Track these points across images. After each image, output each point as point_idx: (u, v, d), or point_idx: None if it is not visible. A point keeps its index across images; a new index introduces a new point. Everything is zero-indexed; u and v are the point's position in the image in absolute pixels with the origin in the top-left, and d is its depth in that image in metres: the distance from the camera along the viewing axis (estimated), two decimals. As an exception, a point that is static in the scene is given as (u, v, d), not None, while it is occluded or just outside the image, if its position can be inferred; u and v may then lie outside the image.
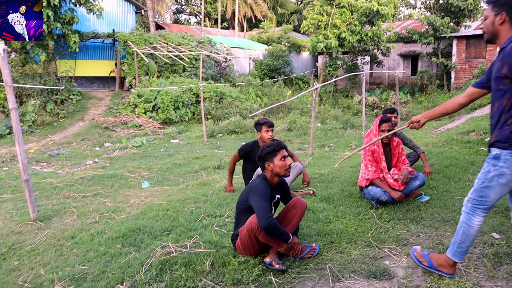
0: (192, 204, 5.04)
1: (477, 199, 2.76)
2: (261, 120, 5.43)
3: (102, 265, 3.43)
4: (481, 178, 2.72)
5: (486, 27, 2.69)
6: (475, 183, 2.79)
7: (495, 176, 2.63)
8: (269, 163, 3.43)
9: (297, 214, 3.46)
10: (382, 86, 22.79)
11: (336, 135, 13.03)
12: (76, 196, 6.37)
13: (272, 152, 3.43)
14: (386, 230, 3.95)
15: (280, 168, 3.41)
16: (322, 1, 20.01)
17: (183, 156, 9.76)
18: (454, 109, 3.00)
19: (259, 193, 3.27)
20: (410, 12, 36.18)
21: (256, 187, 3.34)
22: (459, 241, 2.84)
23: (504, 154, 2.56)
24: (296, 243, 3.29)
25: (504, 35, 2.59)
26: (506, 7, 2.55)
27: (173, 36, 20.94)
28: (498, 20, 2.59)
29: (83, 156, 10.80)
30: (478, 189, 2.74)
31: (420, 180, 4.74)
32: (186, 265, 3.23)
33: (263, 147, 3.53)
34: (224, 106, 16.66)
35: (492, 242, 3.49)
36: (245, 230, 3.22)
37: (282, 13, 40.15)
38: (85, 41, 19.85)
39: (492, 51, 19.11)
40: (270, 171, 3.45)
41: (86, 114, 16.60)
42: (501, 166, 2.59)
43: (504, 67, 2.50)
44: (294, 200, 3.55)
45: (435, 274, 3.00)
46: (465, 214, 2.83)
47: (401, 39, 22.00)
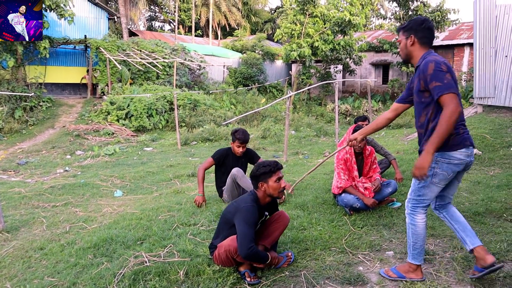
0: (166, 213, 4.98)
1: (416, 199, 2.99)
2: (237, 134, 5.18)
3: (73, 277, 3.35)
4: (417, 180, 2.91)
5: (401, 50, 3.04)
6: (412, 185, 3.01)
7: (429, 177, 2.87)
8: (263, 183, 3.29)
9: (279, 229, 3.44)
10: (354, 94, 23.18)
11: (310, 142, 13.15)
12: (46, 205, 6.20)
13: (268, 173, 3.29)
14: (360, 236, 4.00)
15: (274, 190, 3.30)
16: (296, 11, 20.27)
17: (156, 164, 9.66)
18: (383, 123, 3.27)
19: (246, 217, 3.12)
20: (381, 23, 37.02)
21: (245, 210, 3.17)
22: (412, 243, 3.03)
23: (435, 156, 2.80)
24: (273, 258, 3.30)
25: (417, 54, 2.94)
26: (413, 30, 2.92)
27: (147, 43, 20.78)
28: (409, 42, 2.95)
29: (53, 164, 10.54)
30: (416, 189, 2.98)
31: (392, 187, 4.84)
32: (160, 274, 3.18)
33: (258, 165, 3.36)
34: (198, 113, 16.60)
35: (461, 247, 3.58)
36: (223, 250, 3.14)
37: (256, 22, 40.48)
38: (56, 47, 19.44)
39: (459, 60, 19.76)
40: (263, 191, 3.32)
41: (56, 122, 16.22)
42: (433, 167, 2.85)
43: (420, 83, 2.81)
44: (278, 214, 3.49)
45: (408, 279, 3.06)
46: (408, 215, 3.06)
47: (372, 49, 22.47)
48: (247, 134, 5.28)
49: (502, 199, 4.87)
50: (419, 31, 2.91)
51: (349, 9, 19.29)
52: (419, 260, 3.03)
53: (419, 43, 2.92)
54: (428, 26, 2.91)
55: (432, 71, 2.71)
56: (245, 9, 38.90)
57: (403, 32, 3.00)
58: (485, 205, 4.65)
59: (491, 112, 10.62)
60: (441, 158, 2.82)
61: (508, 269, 3.14)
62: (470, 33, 19.77)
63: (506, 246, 3.51)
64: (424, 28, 2.91)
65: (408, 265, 3.07)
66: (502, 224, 4.14)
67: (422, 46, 2.92)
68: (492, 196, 5.00)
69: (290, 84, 25.61)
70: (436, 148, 2.69)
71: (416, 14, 19.52)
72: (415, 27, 2.92)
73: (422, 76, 2.79)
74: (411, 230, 3.02)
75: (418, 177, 2.74)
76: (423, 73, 2.78)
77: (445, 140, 2.71)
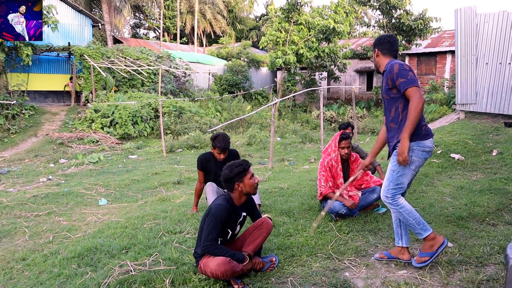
0: (151, 221, 4.94)
1: (395, 188, 3.31)
2: (216, 142, 4.93)
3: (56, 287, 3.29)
4: (395, 170, 3.30)
5: (374, 62, 3.64)
6: (389, 176, 3.33)
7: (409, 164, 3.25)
8: (239, 183, 3.30)
9: (261, 235, 3.43)
10: (339, 101, 23.38)
11: (296, 149, 13.20)
12: (28, 215, 6.10)
13: (243, 172, 3.31)
14: (346, 242, 4.02)
15: (250, 187, 3.33)
16: (280, 18, 20.43)
17: (142, 172, 9.58)
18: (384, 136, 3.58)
19: (215, 219, 3.16)
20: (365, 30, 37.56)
21: (214, 212, 3.21)
22: (413, 221, 3.29)
23: (411, 145, 3.22)
24: (256, 263, 3.31)
25: (382, 63, 3.49)
26: (376, 45, 3.53)
27: (131, 50, 20.68)
28: (375, 55, 3.55)
29: (36, 173, 10.37)
30: (394, 179, 3.30)
31: (377, 193, 4.85)
32: (146, 283, 3.15)
33: (230, 168, 3.33)
34: (183, 121, 16.54)
35: (446, 251, 3.62)
36: (209, 271, 3.08)
37: (241, 29, 40.65)
38: (39, 54, 19.22)
39: (442, 67, 20.10)
40: (239, 191, 3.34)
41: (39, 130, 15.99)
42: (410, 155, 3.24)
43: (388, 82, 3.33)
44: (261, 220, 3.50)
45: (393, 284, 3.08)
46: (392, 205, 3.33)
47: (356, 56, 22.73)
48: (227, 140, 5.00)
49: (485, 204, 4.96)
50: (379, 45, 3.50)
51: (333, 17, 19.54)
52: (429, 229, 3.29)
53: (381, 54, 3.49)
54: (388, 40, 3.47)
55: (398, 70, 3.24)
56: (230, 16, 39.05)
57: (372, 48, 3.63)
58: (468, 210, 4.72)
59: (473, 118, 10.81)
60: (417, 146, 3.24)
61: (492, 272, 3.19)
62: (452, 41, 20.15)
63: (489, 250, 3.56)
64: (383, 42, 3.48)
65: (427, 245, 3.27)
66: (485, 228, 4.20)
67: (385, 56, 3.48)
68: (475, 201, 5.08)
69: (275, 91, 25.71)
70: (410, 134, 3.13)
71: (399, 22, 19.85)
72: (377, 42, 3.53)
73: (389, 76, 3.29)
74: (404, 213, 3.29)
75: (402, 163, 3.16)
76: (390, 73, 3.28)
77: (419, 131, 3.22)
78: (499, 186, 5.71)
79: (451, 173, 6.87)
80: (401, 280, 3.16)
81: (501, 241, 3.74)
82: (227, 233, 3.36)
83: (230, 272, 3.04)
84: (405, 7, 19.91)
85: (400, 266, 3.42)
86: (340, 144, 4.80)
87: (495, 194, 5.39)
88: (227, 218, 3.26)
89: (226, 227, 3.31)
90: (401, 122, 3.29)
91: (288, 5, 19.78)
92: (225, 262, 3.03)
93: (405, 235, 3.45)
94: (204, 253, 3.16)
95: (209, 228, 3.16)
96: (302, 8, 20.28)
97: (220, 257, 3.07)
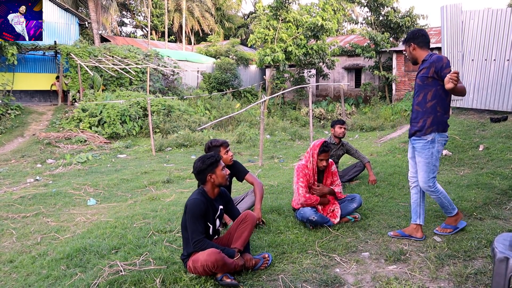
0: (141, 220, 4.91)
1: (434, 176, 3.76)
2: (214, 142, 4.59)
3: (45, 289, 3.26)
4: (428, 158, 3.72)
5: (409, 56, 3.90)
6: (425, 168, 3.72)
7: (436, 153, 3.73)
8: (211, 174, 3.38)
9: (247, 228, 3.44)
10: (328, 98, 23.46)
11: (285, 146, 13.22)
12: (15, 216, 6.02)
13: (215, 163, 3.39)
14: (336, 238, 4.04)
15: (222, 178, 3.41)
16: (269, 16, 20.42)
17: (131, 171, 9.51)
18: None
19: (192, 213, 3.21)
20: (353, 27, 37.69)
21: (190, 207, 3.25)
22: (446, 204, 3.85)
23: (437, 136, 3.70)
24: (247, 260, 3.31)
25: (420, 55, 3.78)
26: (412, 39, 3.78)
27: (119, 49, 20.51)
28: (411, 49, 3.82)
29: (23, 173, 10.24)
30: (431, 169, 3.73)
31: (357, 202, 4.64)
32: (136, 283, 3.13)
33: (202, 160, 3.37)
34: (172, 119, 16.47)
35: (435, 245, 3.67)
36: (200, 265, 3.08)
37: (229, 27, 40.53)
38: (24, 53, 18.98)
39: (429, 64, 20.21)
40: (211, 183, 3.41)
41: (26, 130, 15.80)
42: (437, 145, 3.71)
43: (431, 69, 3.60)
44: (244, 214, 3.52)
45: (383, 279, 3.11)
46: (433, 194, 3.80)
47: (345, 53, 22.81)
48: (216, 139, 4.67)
49: (472, 198, 5.02)
50: (415, 39, 3.75)
51: (321, 14, 19.58)
52: (456, 208, 3.91)
53: (418, 47, 3.76)
54: (422, 33, 3.73)
55: (447, 61, 3.56)
56: (218, 14, 38.92)
57: (404, 44, 3.88)
58: (456, 204, 4.75)
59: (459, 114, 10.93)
60: (440, 138, 3.72)
61: (479, 266, 3.23)
62: (438, 38, 20.32)
63: (477, 244, 3.61)
64: (418, 36, 3.73)
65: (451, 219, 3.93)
66: (472, 222, 4.25)
67: (422, 48, 3.76)
68: (463, 196, 5.14)
69: (264, 88, 25.71)
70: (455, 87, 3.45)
71: (387, 19, 19.98)
72: (411, 37, 3.76)
73: (436, 64, 3.56)
74: (442, 197, 3.81)
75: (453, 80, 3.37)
76: (438, 62, 3.56)
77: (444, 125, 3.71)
78: (486, 181, 5.79)
79: (439, 169, 6.94)
80: (391, 275, 3.18)
81: (488, 235, 3.79)
82: (208, 227, 3.37)
83: (221, 263, 3.04)
84: (393, 4, 20.06)
85: (390, 262, 3.45)
86: (319, 156, 4.50)
87: (482, 188, 5.46)
88: (205, 211, 3.30)
89: (206, 221, 3.33)
90: (426, 108, 3.68)
91: (276, 3, 19.77)
92: (215, 251, 3.06)
93: (422, 214, 3.88)
94: (194, 251, 3.17)
95: (192, 224, 3.20)
96: (290, 5, 20.30)
97: (210, 248, 3.10)
